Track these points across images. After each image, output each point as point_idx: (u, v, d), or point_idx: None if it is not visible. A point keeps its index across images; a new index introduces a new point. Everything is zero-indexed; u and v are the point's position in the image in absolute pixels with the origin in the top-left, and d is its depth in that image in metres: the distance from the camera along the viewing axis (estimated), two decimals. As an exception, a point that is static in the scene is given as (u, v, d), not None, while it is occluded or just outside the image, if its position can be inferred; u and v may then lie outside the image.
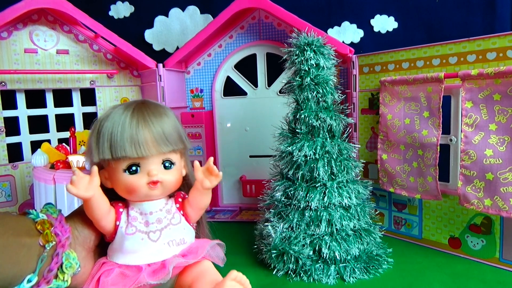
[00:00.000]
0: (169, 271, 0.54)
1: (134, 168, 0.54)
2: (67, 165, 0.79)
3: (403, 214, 0.87)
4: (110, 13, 1.24)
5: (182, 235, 0.59)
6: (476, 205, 0.67)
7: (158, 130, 0.54)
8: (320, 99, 0.72)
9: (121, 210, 0.57)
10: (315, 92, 0.71)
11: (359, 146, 0.89)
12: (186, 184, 0.63)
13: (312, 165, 0.71)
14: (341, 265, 0.69)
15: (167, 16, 1.23)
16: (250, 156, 1.09)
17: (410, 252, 0.80)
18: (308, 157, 0.71)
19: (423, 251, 0.81)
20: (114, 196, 0.57)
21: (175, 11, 1.22)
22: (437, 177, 0.73)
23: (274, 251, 0.70)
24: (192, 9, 1.22)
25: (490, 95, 0.65)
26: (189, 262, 0.56)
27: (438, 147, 0.72)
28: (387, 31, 1.13)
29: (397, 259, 0.75)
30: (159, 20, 1.23)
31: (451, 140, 0.76)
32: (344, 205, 0.72)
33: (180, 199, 0.60)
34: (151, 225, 0.56)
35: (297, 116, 0.73)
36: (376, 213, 0.80)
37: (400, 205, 0.87)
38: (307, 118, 0.71)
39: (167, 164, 0.56)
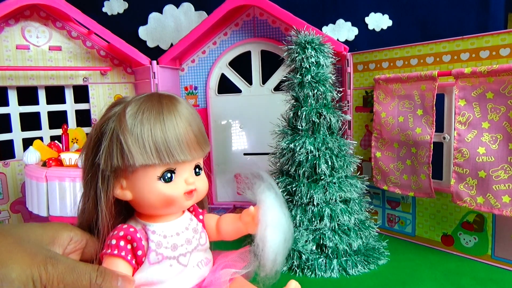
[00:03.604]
0: (226, 281, 0.48)
1: (169, 175, 0.45)
2: (59, 163, 0.79)
3: (396, 211, 0.87)
4: (104, 10, 1.22)
5: (206, 254, 0.52)
6: (469, 202, 0.68)
7: (196, 129, 0.47)
8: (319, 96, 0.73)
9: (138, 235, 0.45)
10: (315, 90, 0.72)
11: (356, 142, 0.89)
12: None
13: (314, 161, 0.71)
14: (343, 259, 0.71)
15: (161, 13, 1.22)
16: (245, 154, 1.09)
17: (403, 249, 0.80)
18: (310, 154, 0.71)
19: (416, 248, 0.81)
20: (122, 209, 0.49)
21: (169, 8, 1.21)
22: (430, 175, 0.73)
23: None
24: (187, 6, 1.21)
25: (483, 93, 0.65)
26: (240, 272, 0.49)
27: (432, 145, 0.72)
28: (382, 29, 1.13)
29: (391, 257, 0.76)
30: (153, 16, 1.22)
31: (444, 138, 0.76)
32: (344, 199, 0.73)
33: (201, 216, 0.53)
34: (180, 248, 0.47)
35: (298, 113, 0.73)
36: (372, 211, 0.81)
37: (394, 202, 0.87)
38: (308, 115, 0.72)
39: (197, 170, 0.49)
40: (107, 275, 0.41)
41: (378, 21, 1.13)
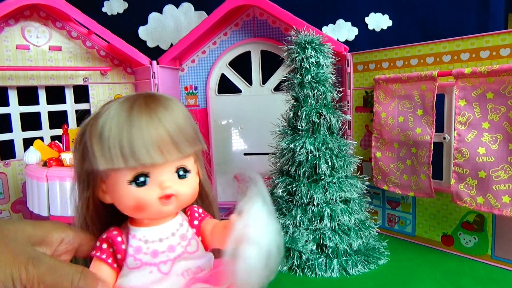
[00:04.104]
0: None
1: (142, 179, 0.43)
2: (60, 163, 0.79)
3: (396, 211, 0.87)
4: (104, 10, 1.22)
5: (199, 263, 0.47)
6: (469, 202, 0.68)
7: (173, 128, 0.43)
8: (319, 96, 0.73)
9: (119, 239, 0.45)
10: (315, 90, 0.72)
11: (355, 143, 0.89)
12: (199, 195, 0.50)
13: (314, 161, 0.71)
14: (343, 258, 0.71)
15: (161, 13, 1.22)
16: (245, 154, 1.09)
17: (404, 249, 0.80)
18: (310, 154, 0.71)
19: (416, 248, 0.81)
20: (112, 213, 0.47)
21: (169, 8, 1.21)
22: (430, 175, 0.73)
23: None
24: (186, 6, 1.21)
25: (483, 94, 0.65)
26: None
27: (432, 145, 0.73)
28: (382, 29, 1.13)
29: (391, 257, 0.76)
30: (153, 16, 1.22)
31: (444, 138, 0.76)
32: (344, 199, 0.73)
33: (196, 221, 0.49)
34: (161, 255, 0.45)
35: (298, 113, 0.73)
36: (372, 211, 0.81)
37: (394, 202, 0.87)
38: (308, 115, 0.72)
39: (181, 173, 0.45)
40: (89, 279, 0.41)
41: (378, 21, 1.13)
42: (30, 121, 1.01)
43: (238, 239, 0.41)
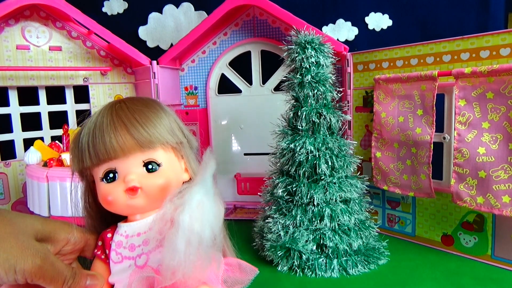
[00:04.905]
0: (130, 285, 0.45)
1: (111, 175, 0.46)
2: (60, 163, 0.79)
3: (396, 211, 0.87)
4: (104, 10, 1.23)
5: None
6: (469, 202, 0.68)
7: (133, 124, 0.45)
8: (319, 96, 0.73)
9: (108, 235, 0.49)
10: (315, 90, 0.72)
11: (356, 143, 0.89)
12: None
13: (314, 161, 0.71)
14: (343, 259, 0.71)
15: (161, 12, 1.22)
16: (245, 154, 1.09)
17: (404, 249, 0.80)
18: (310, 154, 0.71)
19: (416, 248, 0.81)
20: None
21: (169, 8, 1.21)
22: (430, 175, 0.73)
23: (280, 248, 0.70)
24: (186, 6, 1.21)
25: (483, 93, 0.65)
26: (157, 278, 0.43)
27: (432, 145, 0.73)
28: (382, 29, 1.13)
29: (391, 257, 0.76)
30: (153, 16, 1.22)
31: (444, 138, 0.76)
32: (345, 199, 0.73)
33: None
34: (137, 249, 0.47)
35: (298, 113, 0.73)
36: (372, 211, 0.82)
37: (394, 202, 0.87)
38: (308, 115, 0.72)
39: (150, 166, 0.46)
40: (77, 277, 0.46)
41: (378, 21, 1.13)
42: (31, 121, 1.02)
43: (165, 221, 0.42)
